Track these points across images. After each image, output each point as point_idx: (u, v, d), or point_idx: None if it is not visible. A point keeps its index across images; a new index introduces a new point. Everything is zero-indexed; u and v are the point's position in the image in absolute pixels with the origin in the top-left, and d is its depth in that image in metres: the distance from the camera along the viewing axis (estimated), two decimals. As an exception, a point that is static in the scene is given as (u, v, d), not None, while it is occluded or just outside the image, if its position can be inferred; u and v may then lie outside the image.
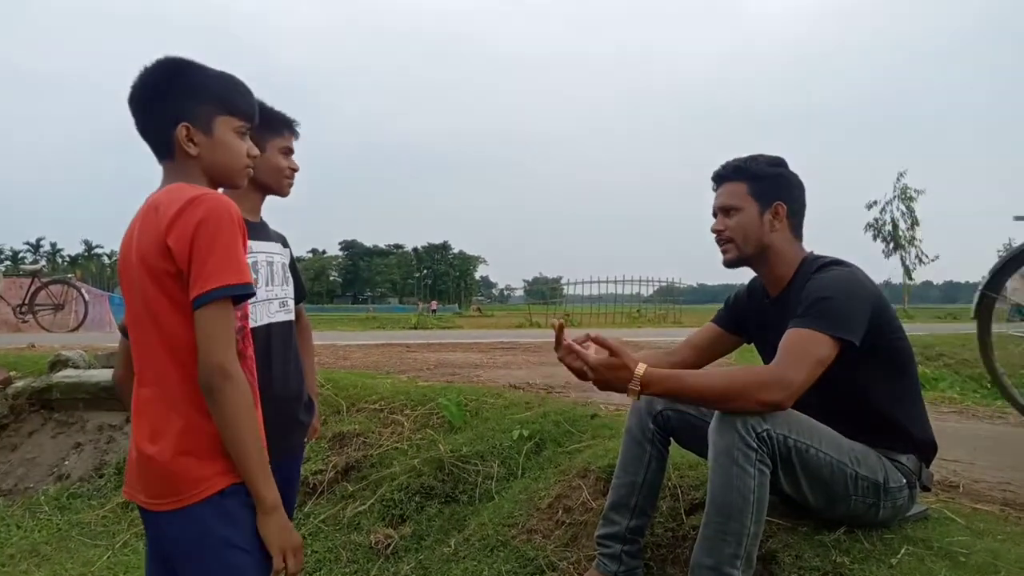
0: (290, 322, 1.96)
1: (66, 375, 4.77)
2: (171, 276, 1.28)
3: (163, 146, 1.41)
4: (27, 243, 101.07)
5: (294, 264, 2.08)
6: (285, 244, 2.04)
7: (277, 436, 1.81)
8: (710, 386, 1.74)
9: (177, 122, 1.38)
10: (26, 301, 10.76)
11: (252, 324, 1.79)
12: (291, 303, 1.98)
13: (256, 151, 1.52)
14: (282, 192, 1.99)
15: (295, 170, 1.99)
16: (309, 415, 2.03)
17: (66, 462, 4.34)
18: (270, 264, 1.91)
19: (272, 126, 1.93)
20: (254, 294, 1.36)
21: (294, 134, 1.99)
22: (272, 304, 1.89)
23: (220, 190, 1.45)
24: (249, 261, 1.82)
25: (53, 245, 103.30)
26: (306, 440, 2.14)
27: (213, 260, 1.26)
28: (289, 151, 1.98)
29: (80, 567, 3.19)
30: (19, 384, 4.85)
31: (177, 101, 1.39)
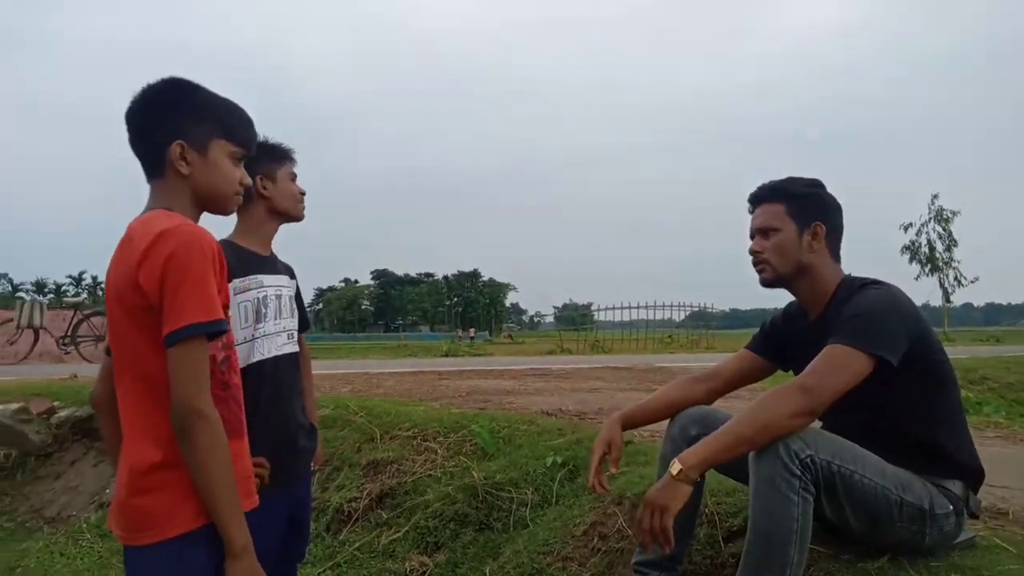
0: (296, 353, 2.02)
1: (107, 404, 4.87)
2: (143, 310, 1.25)
3: (155, 163, 1.38)
4: (69, 276, 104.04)
5: (299, 294, 2.14)
6: (292, 275, 2.11)
7: (285, 464, 1.87)
8: (739, 427, 1.72)
9: (172, 139, 1.36)
10: (69, 333, 11.06)
11: (260, 357, 1.87)
12: (296, 334, 2.04)
13: (248, 180, 1.50)
14: (299, 216, 2.07)
15: (304, 193, 2.07)
16: (311, 440, 2.08)
17: (107, 490, 4.42)
18: (279, 298, 1.97)
19: (277, 156, 2.02)
20: (226, 331, 1.32)
21: (294, 161, 2.08)
22: (280, 337, 1.96)
23: (200, 220, 1.43)
24: (260, 296, 1.90)
25: (94, 278, 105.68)
26: (313, 467, 2.18)
27: (182, 297, 1.22)
28: (295, 176, 2.06)
29: (120, 594, 3.23)
30: (62, 414, 4.98)
31: (175, 118, 1.37)
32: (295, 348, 2.02)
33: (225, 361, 1.39)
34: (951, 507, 1.82)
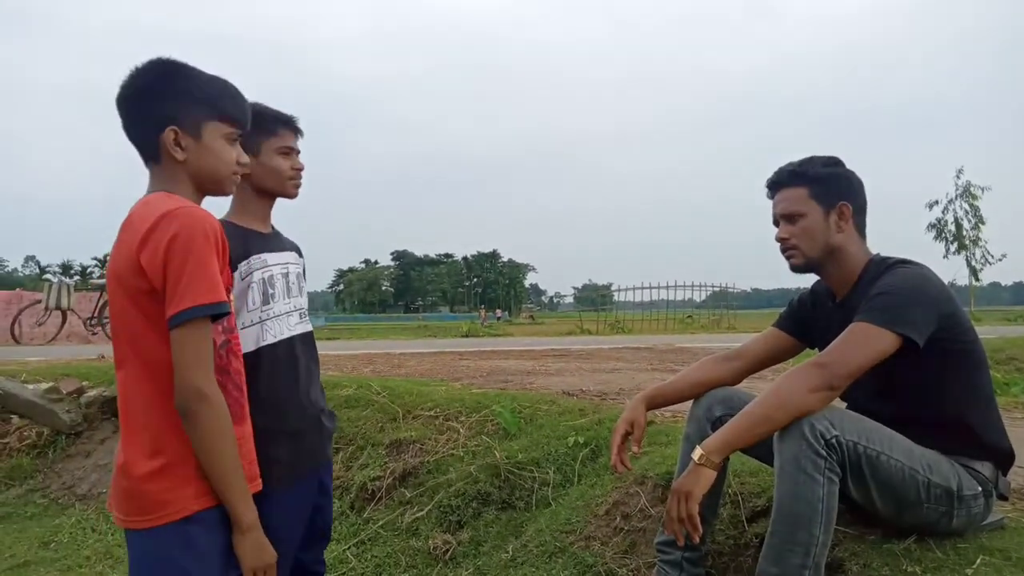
0: (310, 332, 1.91)
1: (135, 384, 4.95)
2: (145, 294, 1.25)
3: (149, 149, 1.37)
4: (95, 258, 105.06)
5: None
6: (300, 254, 1.98)
7: (313, 446, 1.82)
8: (757, 408, 1.72)
9: (165, 125, 1.34)
10: (95, 314, 11.23)
11: (272, 340, 1.75)
12: (307, 313, 1.93)
13: (246, 158, 1.47)
14: (287, 194, 1.88)
15: (299, 169, 1.87)
16: (332, 421, 1.98)
17: (136, 468, 4.50)
18: (286, 276, 1.85)
19: (264, 127, 1.79)
20: (229, 312, 1.32)
21: (294, 132, 1.87)
22: (292, 316, 1.84)
23: (204, 200, 1.43)
24: (265, 276, 1.77)
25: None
26: None
27: (185, 279, 1.22)
28: (288, 150, 1.85)
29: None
30: (91, 393, 5.07)
31: (166, 103, 1.35)
32: (308, 327, 1.91)
33: (225, 345, 1.39)
34: (980, 488, 1.80)
